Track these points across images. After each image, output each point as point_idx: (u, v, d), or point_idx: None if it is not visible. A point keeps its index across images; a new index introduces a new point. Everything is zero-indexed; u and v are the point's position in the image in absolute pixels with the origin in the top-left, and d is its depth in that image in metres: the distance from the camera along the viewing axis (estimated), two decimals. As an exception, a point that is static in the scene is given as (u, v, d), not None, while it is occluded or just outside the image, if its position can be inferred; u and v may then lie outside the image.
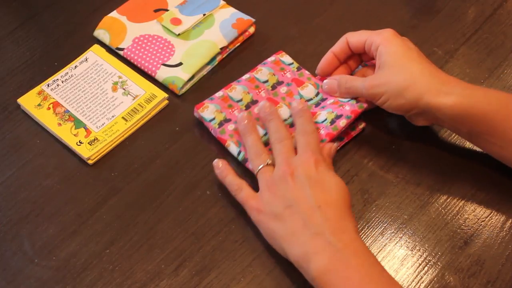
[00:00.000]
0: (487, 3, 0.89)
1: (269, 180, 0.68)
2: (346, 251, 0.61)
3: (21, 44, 0.86)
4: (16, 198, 0.72)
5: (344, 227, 0.63)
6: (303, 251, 0.62)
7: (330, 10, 0.89)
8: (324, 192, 0.65)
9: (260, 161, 0.70)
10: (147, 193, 0.72)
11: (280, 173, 0.67)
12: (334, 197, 0.65)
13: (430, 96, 0.69)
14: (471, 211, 0.71)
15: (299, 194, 0.65)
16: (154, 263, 0.67)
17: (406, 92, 0.70)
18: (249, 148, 0.72)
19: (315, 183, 0.66)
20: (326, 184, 0.66)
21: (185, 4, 0.87)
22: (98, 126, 0.76)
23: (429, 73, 0.70)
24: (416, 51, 0.73)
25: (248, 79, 0.78)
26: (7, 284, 0.66)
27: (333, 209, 0.64)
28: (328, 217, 0.63)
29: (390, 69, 0.71)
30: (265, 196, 0.67)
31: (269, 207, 0.66)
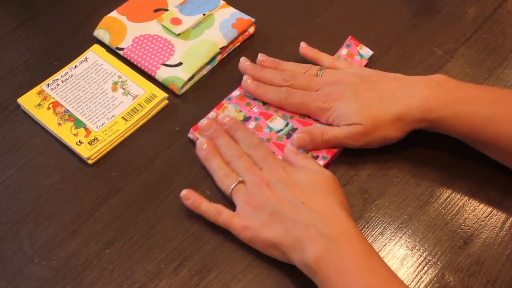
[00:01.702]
0: (487, 3, 0.89)
1: (246, 196, 0.68)
2: (339, 241, 0.61)
3: (21, 44, 0.86)
4: (16, 198, 0.72)
5: (334, 216, 0.63)
6: (298, 244, 0.62)
7: (330, 10, 0.89)
8: (303, 190, 0.66)
9: (231, 180, 0.69)
10: (147, 193, 0.72)
11: (254, 186, 0.68)
12: (315, 190, 0.66)
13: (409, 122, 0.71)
14: (471, 211, 0.71)
15: (279, 199, 0.66)
16: (154, 262, 0.67)
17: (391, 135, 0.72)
18: (215, 172, 0.71)
19: (291, 185, 0.66)
20: (302, 181, 0.67)
21: (185, 4, 0.87)
22: (98, 126, 0.76)
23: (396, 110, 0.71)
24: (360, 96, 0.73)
25: (239, 96, 0.78)
26: (7, 284, 0.66)
27: (317, 202, 0.65)
28: (315, 210, 0.64)
29: (361, 124, 0.72)
30: (247, 211, 0.67)
31: (255, 220, 0.66)
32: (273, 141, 0.74)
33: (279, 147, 0.74)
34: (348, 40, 0.83)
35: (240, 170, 0.70)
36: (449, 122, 0.70)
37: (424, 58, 0.83)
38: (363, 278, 0.60)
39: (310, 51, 0.81)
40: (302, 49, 0.81)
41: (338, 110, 0.72)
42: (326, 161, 0.73)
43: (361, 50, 0.82)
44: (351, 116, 0.71)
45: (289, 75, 0.77)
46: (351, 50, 0.82)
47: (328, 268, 0.60)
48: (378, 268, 0.61)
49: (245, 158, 0.71)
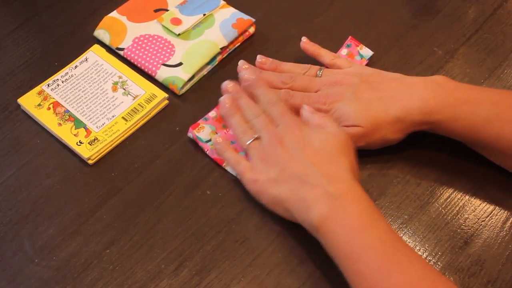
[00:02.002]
0: (487, 3, 0.89)
1: (259, 152, 0.69)
2: (344, 198, 0.62)
3: (21, 44, 0.86)
4: (16, 198, 0.72)
5: (341, 176, 0.65)
6: (304, 203, 0.64)
7: (330, 10, 0.89)
8: (314, 151, 0.67)
9: (248, 136, 0.71)
10: (147, 193, 0.72)
11: (269, 143, 0.69)
12: (327, 151, 0.67)
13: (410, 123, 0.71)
14: (471, 211, 0.71)
15: (291, 157, 0.67)
16: (154, 263, 0.67)
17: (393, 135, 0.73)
18: (235, 129, 0.73)
19: (304, 145, 0.68)
20: (315, 142, 0.68)
21: (185, 4, 0.87)
22: (98, 126, 0.76)
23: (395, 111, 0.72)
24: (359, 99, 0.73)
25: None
26: (7, 284, 0.66)
27: (326, 162, 0.66)
28: (323, 171, 0.65)
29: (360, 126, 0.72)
30: (259, 166, 0.69)
31: (265, 175, 0.68)
32: None
33: None
34: (349, 40, 0.83)
35: (257, 127, 0.71)
36: (449, 124, 0.70)
37: (424, 58, 0.83)
38: (365, 233, 0.61)
39: (311, 46, 0.81)
40: (303, 43, 0.82)
41: (338, 111, 0.72)
42: None
43: (361, 50, 0.82)
44: (351, 118, 0.71)
45: (288, 77, 0.77)
46: (351, 51, 0.82)
47: (332, 225, 0.62)
48: (380, 223, 0.62)
49: (262, 117, 0.72)
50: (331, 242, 0.62)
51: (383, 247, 0.60)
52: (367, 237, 0.61)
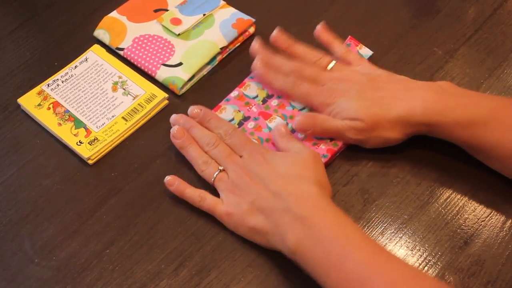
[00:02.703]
0: (487, 3, 0.89)
1: (228, 185, 0.69)
2: (312, 216, 0.63)
3: (21, 44, 0.86)
4: (16, 198, 0.72)
5: (306, 194, 0.65)
6: (278, 230, 0.64)
7: (330, 10, 0.89)
8: (280, 176, 0.67)
9: (212, 169, 0.71)
10: (147, 193, 0.72)
11: (236, 175, 0.69)
12: (291, 173, 0.67)
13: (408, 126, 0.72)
14: (471, 211, 0.71)
15: (259, 187, 0.67)
16: (154, 263, 0.67)
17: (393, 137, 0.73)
18: (194, 160, 0.72)
19: (270, 172, 0.68)
20: (280, 167, 0.68)
21: (185, 4, 0.87)
22: (98, 126, 0.76)
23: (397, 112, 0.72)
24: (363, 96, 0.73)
25: (237, 97, 0.78)
26: (7, 284, 0.66)
27: (292, 184, 0.66)
28: (290, 194, 0.65)
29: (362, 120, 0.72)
30: (230, 198, 0.68)
31: (237, 208, 0.67)
32: (272, 141, 0.74)
33: None
34: (348, 40, 0.83)
35: (219, 158, 0.71)
36: (449, 127, 0.70)
37: (424, 58, 0.83)
38: (339, 243, 0.61)
39: (325, 35, 0.81)
40: (318, 30, 0.81)
41: (341, 105, 0.73)
42: (326, 160, 0.73)
43: (361, 50, 0.82)
44: (352, 112, 0.72)
45: (298, 66, 0.77)
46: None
47: (306, 244, 0.62)
48: (351, 230, 0.62)
49: (222, 146, 0.72)
50: (309, 261, 0.62)
51: (359, 253, 0.60)
52: (341, 246, 0.61)
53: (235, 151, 0.71)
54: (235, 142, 0.72)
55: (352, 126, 0.72)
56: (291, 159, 0.69)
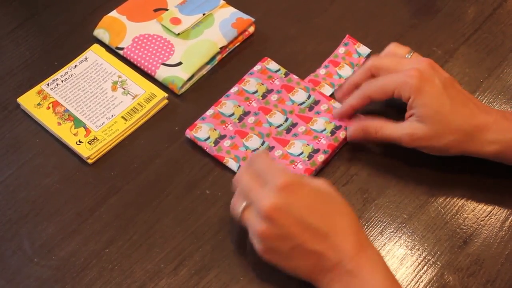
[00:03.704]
0: (486, 3, 0.89)
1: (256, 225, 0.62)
2: (363, 273, 0.59)
3: (21, 43, 0.86)
4: (16, 198, 0.72)
5: (355, 244, 0.60)
6: (324, 279, 0.61)
7: (330, 10, 0.89)
8: (315, 210, 0.61)
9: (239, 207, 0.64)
10: (146, 193, 0.72)
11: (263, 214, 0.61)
12: (326, 209, 0.62)
13: (473, 147, 0.69)
14: (470, 211, 0.71)
15: (297, 227, 0.60)
16: (154, 262, 0.67)
17: (450, 149, 0.70)
18: None
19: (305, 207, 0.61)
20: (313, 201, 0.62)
21: (184, 3, 0.87)
22: (97, 126, 0.76)
23: (470, 127, 0.68)
24: (447, 97, 0.68)
25: (237, 92, 0.78)
26: (6, 283, 0.66)
27: (332, 222, 0.61)
28: (334, 236, 0.60)
29: (429, 125, 0.69)
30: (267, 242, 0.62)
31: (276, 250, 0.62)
32: (272, 136, 0.75)
33: (280, 142, 0.74)
34: (346, 39, 0.83)
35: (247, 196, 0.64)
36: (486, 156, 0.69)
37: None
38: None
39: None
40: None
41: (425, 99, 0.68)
42: (327, 156, 0.73)
43: (359, 48, 0.82)
44: (428, 115, 0.68)
45: None
46: (348, 49, 0.82)
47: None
48: None
49: None
50: None
51: None
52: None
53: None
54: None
55: (410, 133, 0.69)
56: (320, 193, 0.63)
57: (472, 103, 0.70)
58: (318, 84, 0.80)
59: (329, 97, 0.78)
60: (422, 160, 0.74)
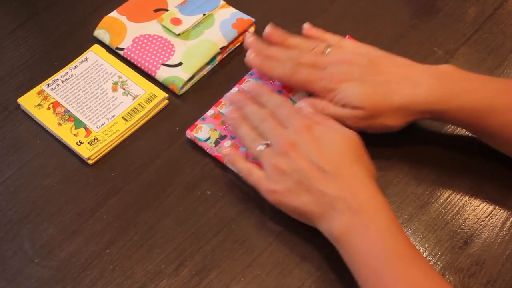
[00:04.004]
0: (487, 3, 0.89)
1: (272, 159, 0.67)
2: (364, 212, 0.62)
3: (21, 44, 0.86)
4: (16, 198, 0.72)
5: (360, 185, 0.64)
6: (326, 214, 0.63)
7: (330, 10, 0.89)
8: (330, 155, 0.65)
9: (257, 144, 0.69)
10: (147, 193, 0.72)
11: (280, 149, 0.67)
12: (343, 155, 0.66)
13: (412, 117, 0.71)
14: (471, 211, 0.71)
15: (306, 165, 0.65)
16: (154, 263, 0.67)
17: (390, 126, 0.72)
18: (244, 139, 0.71)
19: (317, 148, 0.66)
20: (329, 145, 0.66)
21: (185, 4, 0.87)
22: (98, 126, 0.76)
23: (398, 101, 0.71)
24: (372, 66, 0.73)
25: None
26: (7, 284, 0.66)
27: (345, 169, 0.65)
28: (342, 180, 0.64)
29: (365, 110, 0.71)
30: (274, 175, 0.67)
31: (282, 185, 0.66)
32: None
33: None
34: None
35: (265, 132, 0.70)
36: (454, 113, 0.69)
37: (424, 58, 0.83)
38: (385, 246, 0.60)
39: (315, 32, 0.80)
40: (306, 30, 0.80)
41: (343, 92, 0.71)
42: None
43: None
44: (355, 100, 0.71)
45: (295, 53, 0.76)
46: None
47: (351, 238, 0.61)
48: (398, 236, 0.61)
49: (269, 120, 0.70)
50: (350, 254, 0.62)
51: (401, 265, 0.60)
52: (384, 251, 0.60)
53: (282, 122, 0.70)
54: (282, 113, 0.70)
55: (354, 114, 0.71)
56: (340, 139, 0.67)
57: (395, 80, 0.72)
58: None
59: None
60: (423, 160, 0.74)
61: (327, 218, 0.63)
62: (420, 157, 0.75)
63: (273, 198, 0.67)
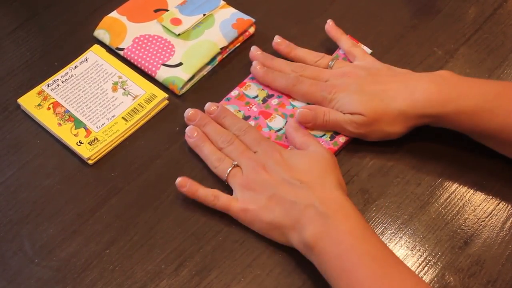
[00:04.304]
0: (487, 3, 0.89)
1: (242, 179, 0.69)
2: (335, 217, 0.63)
3: (21, 44, 0.86)
4: (16, 198, 0.72)
5: (331, 195, 0.65)
6: (297, 224, 0.64)
7: (330, 10, 0.89)
8: (301, 171, 0.67)
9: (226, 165, 0.70)
10: (147, 193, 0.72)
11: (251, 169, 0.69)
12: (313, 171, 0.67)
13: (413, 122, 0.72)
14: (471, 211, 0.71)
15: (277, 180, 0.67)
16: (155, 263, 0.67)
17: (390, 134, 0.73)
18: (208, 158, 0.72)
19: (288, 167, 0.68)
20: (299, 164, 0.68)
21: (185, 4, 0.87)
22: (98, 126, 0.76)
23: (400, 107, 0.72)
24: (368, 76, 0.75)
25: (238, 96, 0.78)
26: (7, 284, 0.66)
27: (315, 181, 0.66)
28: (313, 190, 0.65)
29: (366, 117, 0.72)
30: (245, 194, 0.68)
31: (254, 203, 0.67)
32: (272, 140, 0.75)
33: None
34: None
35: (234, 155, 0.71)
36: (452, 117, 0.70)
37: (424, 58, 0.83)
38: (357, 249, 0.61)
39: (334, 30, 0.82)
40: (328, 26, 0.83)
41: (342, 100, 0.73)
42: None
43: None
44: (354, 107, 0.72)
45: (298, 66, 0.79)
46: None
47: (325, 243, 0.62)
48: (371, 239, 0.62)
49: (237, 143, 0.72)
50: (324, 261, 0.62)
51: (374, 264, 0.60)
52: (358, 254, 0.61)
53: (250, 148, 0.71)
54: (250, 138, 0.72)
55: (353, 120, 0.72)
56: (311, 157, 0.69)
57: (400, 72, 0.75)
58: None
59: None
60: (423, 160, 0.74)
61: (299, 228, 0.64)
62: (420, 158, 0.75)
63: (246, 218, 0.68)
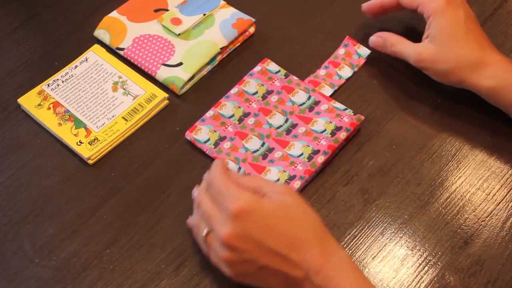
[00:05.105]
0: (487, 3, 0.89)
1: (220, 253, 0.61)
2: (329, 281, 0.59)
3: (21, 44, 0.86)
4: (16, 198, 0.72)
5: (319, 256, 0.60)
6: None
7: (330, 10, 0.89)
8: (275, 233, 0.60)
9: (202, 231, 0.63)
10: (147, 193, 0.72)
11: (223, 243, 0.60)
12: (286, 229, 0.60)
13: (472, 78, 0.73)
14: (471, 211, 0.71)
15: (259, 252, 0.59)
16: (155, 263, 0.67)
17: (451, 75, 0.74)
18: None
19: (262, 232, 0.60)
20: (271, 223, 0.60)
21: (185, 4, 0.87)
22: (98, 126, 0.76)
23: (474, 58, 0.73)
24: (465, 27, 0.74)
25: (237, 93, 0.78)
26: (7, 284, 0.66)
27: (295, 242, 0.60)
28: (300, 256, 0.59)
29: (438, 47, 0.74)
30: (234, 267, 0.61)
31: (245, 273, 0.62)
32: (272, 137, 0.75)
33: (279, 143, 0.74)
34: (346, 40, 0.83)
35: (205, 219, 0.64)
36: (481, 91, 0.73)
37: (424, 58, 0.83)
38: None
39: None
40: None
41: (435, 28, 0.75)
42: (327, 157, 0.73)
43: (359, 49, 0.82)
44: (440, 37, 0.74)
45: None
46: (348, 50, 0.82)
47: None
48: None
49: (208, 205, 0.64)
50: None
51: None
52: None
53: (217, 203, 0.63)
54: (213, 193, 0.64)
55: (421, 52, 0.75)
56: (276, 211, 0.61)
57: (485, 40, 0.75)
58: (318, 84, 0.80)
59: (329, 98, 0.78)
60: (423, 160, 0.74)
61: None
62: (420, 157, 0.75)
63: (239, 281, 0.63)
